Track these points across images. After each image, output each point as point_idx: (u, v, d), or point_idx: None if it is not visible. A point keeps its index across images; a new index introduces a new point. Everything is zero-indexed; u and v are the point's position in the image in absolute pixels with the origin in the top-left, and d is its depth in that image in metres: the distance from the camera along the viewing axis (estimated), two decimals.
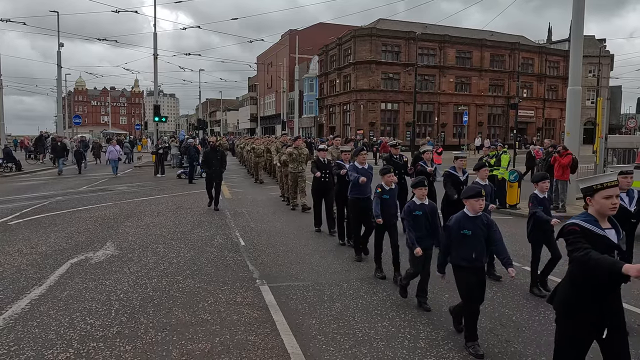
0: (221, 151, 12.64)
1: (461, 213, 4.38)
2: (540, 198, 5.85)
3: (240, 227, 9.68)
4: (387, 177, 6.12)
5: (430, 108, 48.92)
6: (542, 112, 53.51)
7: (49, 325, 4.73)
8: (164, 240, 8.55)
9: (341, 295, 5.66)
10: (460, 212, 4.40)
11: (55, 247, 8.02)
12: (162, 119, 30.72)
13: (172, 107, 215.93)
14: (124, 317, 4.94)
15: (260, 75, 79.64)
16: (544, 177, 6.02)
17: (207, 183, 12.29)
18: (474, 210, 4.29)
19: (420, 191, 5.27)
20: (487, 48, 50.19)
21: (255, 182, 18.35)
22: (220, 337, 4.48)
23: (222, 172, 12.32)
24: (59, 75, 34.78)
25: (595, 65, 50.84)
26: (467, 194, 4.38)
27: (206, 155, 12.33)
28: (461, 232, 4.25)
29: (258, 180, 18.37)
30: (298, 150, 11.69)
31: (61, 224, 10.05)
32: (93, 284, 6.02)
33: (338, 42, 51.06)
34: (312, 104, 60.12)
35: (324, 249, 7.90)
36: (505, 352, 4.17)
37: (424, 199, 5.26)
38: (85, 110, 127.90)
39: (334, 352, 4.18)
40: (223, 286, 5.96)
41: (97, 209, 12.13)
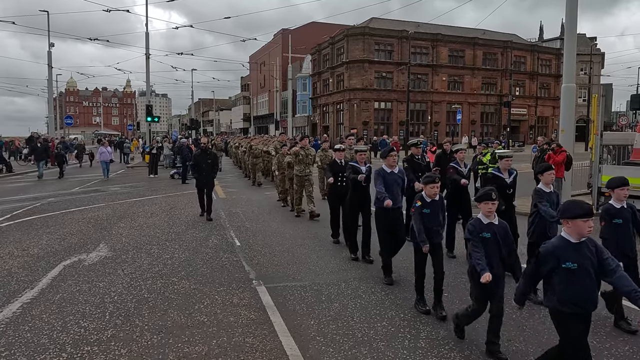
0: (213, 154, 11.48)
1: (559, 239, 3.28)
2: (546, 192, 5.26)
3: (235, 227, 9.59)
4: (431, 188, 4.94)
5: (424, 107, 48.99)
6: (534, 110, 53.78)
7: (41, 330, 4.62)
8: (158, 241, 8.44)
9: (339, 295, 5.59)
10: (557, 238, 3.31)
11: (48, 249, 7.89)
12: (155, 119, 30.54)
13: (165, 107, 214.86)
14: (119, 320, 4.84)
15: (253, 75, 79.42)
16: (548, 168, 5.46)
17: (198, 191, 10.96)
18: (580, 234, 3.18)
19: (487, 206, 4.12)
20: (480, 46, 50.33)
21: (253, 184, 17.12)
22: (217, 339, 4.40)
23: (214, 178, 11.14)
24: (49, 75, 34.48)
25: (587, 63, 51.17)
26: (572, 212, 3.19)
27: (196, 159, 10.95)
28: (563, 266, 3.18)
29: (256, 183, 17.11)
30: (305, 151, 10.69)
31: (53, 225, 9.90)
32: (86, 287, 5.91)
33: (331, 41, 50.98)
34: (306, 104, 60.01)
35: (321, 249, 7.83)
36: (507, 351, 4.12)
37: (491, 216, 4.12)
38: (76, 111, 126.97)
39: (333, 353, 4.12)
40: (219, 287, 5.88)
41: (90, 210, 11.98)
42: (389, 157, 6.27)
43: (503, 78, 50.09)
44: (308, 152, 10.72)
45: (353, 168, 7.05)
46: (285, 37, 55.84)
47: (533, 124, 53.92)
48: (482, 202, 4.15)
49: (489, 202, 4.10)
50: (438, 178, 5.02)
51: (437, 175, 5.13)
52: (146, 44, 29.78)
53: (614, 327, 4.64)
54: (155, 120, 30.59)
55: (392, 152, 6.25)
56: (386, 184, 6.06)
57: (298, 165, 10.61)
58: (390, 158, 6.24)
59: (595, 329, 4.58)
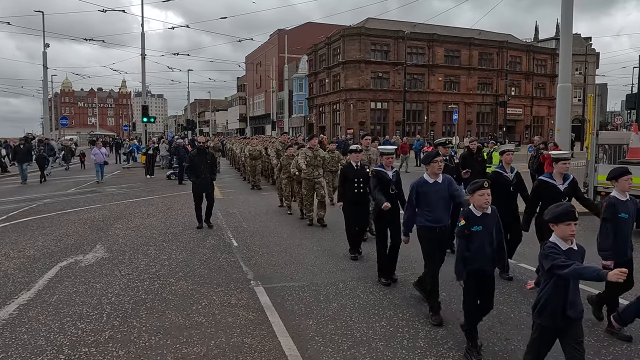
0: (211, 154, 10.14)
1: None
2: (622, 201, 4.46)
3: (232, 228, 9.57)
4: (480, 196, 3.94)
5: (420, 107, 49.05)
6: (530, 110, 53.93)
7: (38, 331, 4.59)
8: (155, 242, 8.41)
9: (337, 295, 5.59)
10: None
11: (44, 250, 7.85)
12: (151, 119, 30.47)
13: (160, 108, 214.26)
14: (116, 321, 4.82)
15: (249, 75, 79.35)
16: (625, 172, 4.50)
17: (195, 197, 9.60)
18: None
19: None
20: (476, 47, 50.45)
21: (253, 188, 15.99)
22: (216, 340, 4.38)
23: (213, 180, 9.86)
24: (44, 76, 34.34)
25: (582, 63, 51.31)
26: None
27: (192, 160, 9.58)
28: None
29: (255, 187, 16.04)
30: (313, 152, 9.86)
31: (49, 226, 9.85)
32: (83, 288, 5.89)
33: (327, 41, 50.98)
34: (302, 104, 59.99)
35: (319, 249, 7.82)
36: (505, 350, 4.13)
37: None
38: (72, 112, 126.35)
39: (332, 353, 4.11)
40: (217, 288, 5.86)
41: (86, 211, 11.93)
42: (433, 163, 4.82)
43: (499, 78, 50.22)
44: (317, 152, 9.94)
45: (378, 175, 5.85)
46: (282, 37, 55.82)
47: (529, 124, 54.07)
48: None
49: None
50: (488, 182, 3.98)
51: (484, 179, 4.08)
52: (142, 44, 29.71)
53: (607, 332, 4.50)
54: (151, 121, 30.53)
55: (438, 157, 4.82)
56: (427, 200, 4.83)
57: (307, 167, 9.68)
58: (436, 164, 4.82)
59: (593, 328, 4.60)
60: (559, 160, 5.48)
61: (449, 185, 4.92)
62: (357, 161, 7.12)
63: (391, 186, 5.80)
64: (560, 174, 5.45)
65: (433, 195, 4.83)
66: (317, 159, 9.87)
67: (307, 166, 9.60)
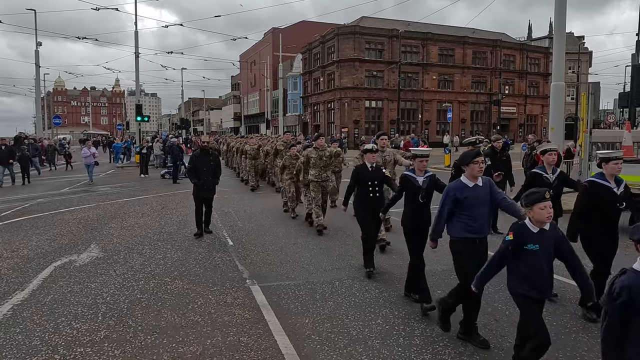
0: (215, 155, 9.29)
1: None
2: None
3: (227, 227, 9.55)
4: (542, 210, 3.38)
5: (414, 105, 49.13)
6: (523, 109, 54.17)
7: (32, 331, 4.57)
8: (150, 241, 8.38)
9: (333, 293, 5.59)
10: None
11: (38, 250, 7.80)
12: (145, 118, 30.34)
13: (154, 107, 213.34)
14: (112, 321, 4.80)
15: (243, 74, 79.15)
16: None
17: (195, 201, 8.84)
18: None
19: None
20: (469, 45, 50.57)
21: (253, 190, 15.25)
22: (212, 339, 4.38)
23: (216, 184, 9.00)
24: (37, 75, 34.11)
25: (575, 61, 51.64)
26: None
27: (194, 161, 8.75)
28: None
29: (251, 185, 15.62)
30: (318, 152, 9.11)
31: (43, 226, 9.79)
32: (78, 288, 5.86)
33: (321, 40, 50.94)
34: (297, 102, 59.90)
35: (314, 247, 7.83)
36: (500, 347, 4.16)
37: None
38: (65, 111, 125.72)
39: (328, 351, 4.12)
40: (212, 287, 5.85)
41: (80, 210, 11.87)
42: (473, 164, 4.15)
43: (492, 77, 50.40)
44: (322, 153, 9.12)
45: (406, 180, 5.17)
46: (276, 36, 55.73)
47: (522, 122, 54.32)
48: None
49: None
50: (549, 193, 3.44)
51: (545, 189, 3.47)
52: (135, 42, 29.55)
53: None
54: (145, 120, 30.40)
55: (479, 157, 4.18)
56: (467, 207, 4.16)
57: (314, 168, 9.00)
58: (476, 166, 4.15)
59: (587, 324, 4.64)
60: (610, 160, 4.72)
61: (491, 188, 4.25)
62: (372, 162, 6.37)
63: (421, 193, 5.07)
64: (611, 175, 4.73)
65: (474, 201, 4.16)
66: (323, 159, 9.13)
67: (313, 167, 9.00)
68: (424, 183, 5.12)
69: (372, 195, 6.22)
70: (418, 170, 5.20)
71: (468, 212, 4.16)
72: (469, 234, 4.16)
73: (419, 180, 5.14)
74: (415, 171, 5.21)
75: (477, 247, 4.18)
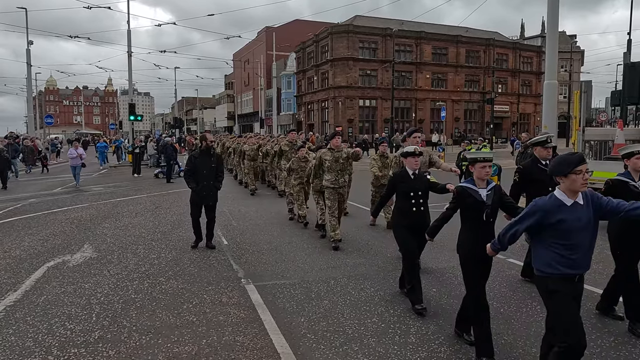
0: (218, 156, 8.22)
1: None
2: None
3: (222, 226, 9.52)
4: None
5: (408, 104, 49.25)
6: (516, 107, 54.45)
7: (25, 333, 4.53)
8: (144, 241, 8.34)
9: (329, 292, 5.59)
10: None
11: (30, 250, 7.73)
12: (138, 117, 30.18)
13: (147, 106, 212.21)
14: (106, 321, 4.77)
15: (237, 73, 78.93)
16: None
17: (192, 207, 7.76)
18: None
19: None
20: (463, 44, 50.75)
21: (253, 194, 14.25)
22: (207, 338, 4.36)
23: (217, 189, 7.84)
24: (28, 74, 33.86)
25: (567, 60, 51.96)
26: None
27: (193, 162, 7.65)
28: None
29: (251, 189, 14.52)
30: (334, 154, 7.83)
31: (36, 226, 9.72)
32: (72, 288, 5.81)
33: (315, 39, 50.92)
34: (290, 101, 59.84)
35: (309, 246, 7.82)
36: (496, 345, 4.15)
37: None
38: (57, 110, 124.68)
39: (324, 350, 4.12)
40: (207, 286, 5.83)
41: (73, 210, 11.78)
42: (575, 174, 3.09)
43: (486, 75, 50.60)
44: (338, 155, 7.81)
45: (465, 194, 3.94)
46: (269, 34, 55.56)
47: (515, 121, 54.59)
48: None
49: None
50: None
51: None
52: (128, 41, 29.39)
53: None
54: (138, 119, 30.24)
55: (582, 165, 3.09)
56: (565, 233, 3.13)
57: (329, 173, 7.78)
58: (579, 177, 3.08)
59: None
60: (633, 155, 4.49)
61: (596, 204, 3.20)
62: (415, 168, 5.19)
63: (485, 211, 3.90)
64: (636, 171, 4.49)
65: (574, 226, 3.11)
66: (340, 162, 7.83)
67: (328, 171, 7.80)
68: (489, 197, 3.92)
69: (415, 210, 5.07)
70: (479, 180, 3.97)
71: (564, 240, 3.12)
72: (567, 268, 3.14)
73: (481, 193, 3.92)
74: (475, 181, 3.99)
75: (574, 286, 3.22)
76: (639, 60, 11.78)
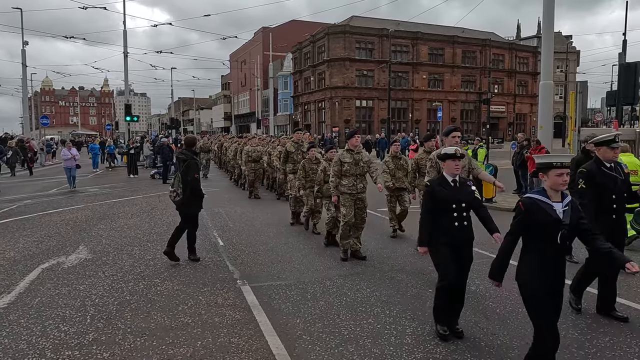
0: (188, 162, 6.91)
1: None
2: None
3: (218, 227, 9.49)
4: None
5: (405, 104, 49.32)
6: (513, 107, 54.60)
7: (19, 335, 4.50)
8: (140, 242, 8.30)
9: (324, 293, 5.58)
10: None
11: (25, 252, 7.69)
12: (134, 118, 30.10)
13: (144, 107, 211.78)
14: (100, 323, 4.74)
15: (233, 73, 78.83)
16: None
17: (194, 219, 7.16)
18: None
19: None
20: (459, 45, 50.89)
21: (250, 197, 13.59)
22: (202, 340, 4.34)
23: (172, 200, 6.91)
24: (24, 74, 33.68)
25: (563, 61, 52.17)
26: None
27: None
28: None
29: (253, 195, 13.61)
30: (353, 156, 6.92)
31: (30, 228, 9.66)
32: (66, 290, 5.78)
33: (312, 39, 50.93)
34: (287, 102, 59.84)
35: (305, 247, 7.81)
36: (491, 345, 4.17)
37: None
38: (52, 111, 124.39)
39: (320, 351, 4.10)
40: (203, 288, 5.80)
41: (68, 211, 11.73)
42: None
43: (482, 76, 50.71)
44: (359, 157, 6.96)
45: (535, 208, 3.24)
46: (266, 35, 55.52)
47: (512, 121, 54.74)
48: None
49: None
50: None
51: None
52: (124, 42, 29.31)
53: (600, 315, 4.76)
54: (134, 120, 30.17)
55: None
56: None
57: (346, 177, 6.91)
58: None
59: (577, 321, 4.67)
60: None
61: None
62: (456, 173, 4.31)
63: (561, 232, 3.17)
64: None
65: None
66: (360, 165, 6.90)
67: (345, 176, 6.90)
68: (565, 213, 3.20)
69: (457, 225, 4.18)
70: (552, 191, 3.24)
71: None
72: None
73: (556, 208, 3.18)
74: (548, 192, 3.25)
75: None
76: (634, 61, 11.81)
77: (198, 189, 6.92)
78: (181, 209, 6.97)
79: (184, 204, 6.83)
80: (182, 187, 6.76)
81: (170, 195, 6.88)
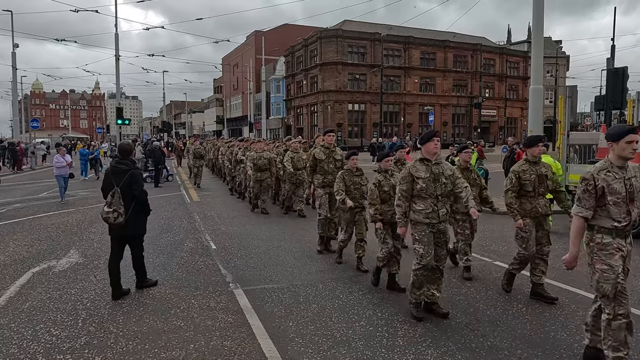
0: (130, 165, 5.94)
1: None
2: None
3: (210, 231, 9.49)
4: None
5: (397, 108, 49.55)
6: (503, 111, 55.09)
7: (10, 339, 4.47)
8: None
9: (317, 296, 5.60)
10: None
11: (15, 256, 7.63)
12: (125, 121, 29.94)
13: (135, 110, 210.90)
14: (92, 327, 4.73)
15: (225, 77, 78.71)
16: None
17: None
18: None
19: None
20: (450, 49, 51.29)
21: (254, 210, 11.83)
22: (195, 343, 4.35)
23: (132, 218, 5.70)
24: (13, 77, 33.37)
25: (553, 65, 52.68)
26: None
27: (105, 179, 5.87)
28: None
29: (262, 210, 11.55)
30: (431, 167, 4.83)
31: (21, 231, 9.59)
32: (57, 294, 5.75)
33: (304, 43, 51.05)
34: (280, 105, 59.88)
35: (297, 251, 7.83)
36: (482, 347, 4.21)
37: None
38: (43, 114, 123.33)
39: (312, 354, 4.12)
40: (195, 291, 5.80)
41: (59, 215, 11.65)
42: None
43: (473, 80, 51.16)
44: (438, 171, 4.88)
45: None
46: (259, 38, 55.51)
47: (502, 125, 55.21)
48: None
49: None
50: None
51: None
52: (115, 45, 29.15)
53: None
54: (125, 123, 29.99)
55: None
56: None
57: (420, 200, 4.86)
58: None
59: (566, 322, 4.73)
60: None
61: None
62: None
63: None
64: None
65: None
66: (441, 181, 4.83)
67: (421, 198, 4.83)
68: None
69: None
70: None
71: None
72: None
73: None
74: None
75: None
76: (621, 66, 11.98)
77: (147, 204, 5.89)
78: (122, 232, 5.66)
79: (126, 225, 5.56)
80: (124, 205, 5.54)
81: (108, 217, 5.46)
